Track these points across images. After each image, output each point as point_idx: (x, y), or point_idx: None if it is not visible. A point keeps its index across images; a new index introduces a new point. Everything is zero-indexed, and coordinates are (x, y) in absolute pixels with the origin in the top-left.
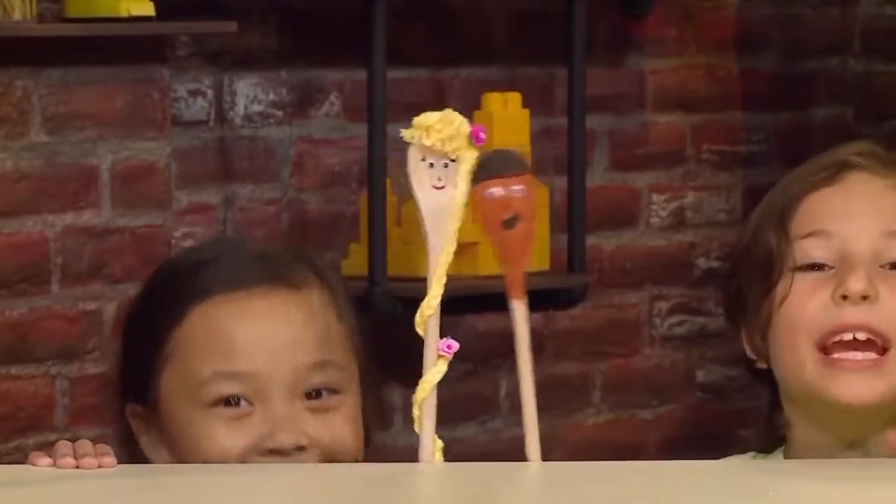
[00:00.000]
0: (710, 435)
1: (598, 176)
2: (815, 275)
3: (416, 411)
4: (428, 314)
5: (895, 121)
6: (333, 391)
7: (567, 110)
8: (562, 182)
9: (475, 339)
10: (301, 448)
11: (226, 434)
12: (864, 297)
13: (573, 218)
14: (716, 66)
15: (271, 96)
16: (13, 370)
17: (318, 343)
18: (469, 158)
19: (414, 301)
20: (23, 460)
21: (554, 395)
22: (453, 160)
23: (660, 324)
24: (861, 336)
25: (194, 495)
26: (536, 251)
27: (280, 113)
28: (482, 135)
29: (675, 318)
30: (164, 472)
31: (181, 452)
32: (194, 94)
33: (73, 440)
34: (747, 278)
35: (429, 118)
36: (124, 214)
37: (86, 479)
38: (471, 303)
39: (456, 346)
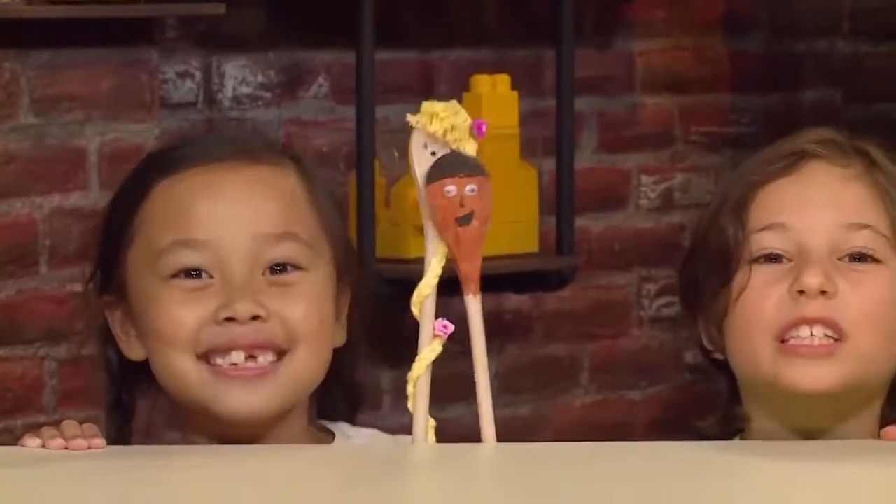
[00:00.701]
0: (698, 416)
1: (586, 157)
2: (773, 267)
3: (410, 389)
4: (425, 293)
5: (883, 103)
6: (297, 267)
7: (556, 92)
8: (550, 164)
9: (464, 319)
10: (257, 318)
11: (182, 305)
12: (822, 293)
13: (562, 199)
14: (704, 47)
15: (260, 78)
16: (1, 352)
17: (281, 215)
18: (470, 150)
19: (402, 282)
20: (11, 442)
21: (542, 376)
22: (454, 150)
23: (648, 305)
24: (818, 331)
25: (184, 476)
26: (525, 233)
27: (268, 95)
28: (483, 128)
29: (664, 300)
30: (153, 453)
31: (144, 331)
32: (182, 76)
33: (59, 422)
34: (704, 268)
35: (435, 106)
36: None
37: (76, 460)
38: (460, 284)
39: (451, 327)
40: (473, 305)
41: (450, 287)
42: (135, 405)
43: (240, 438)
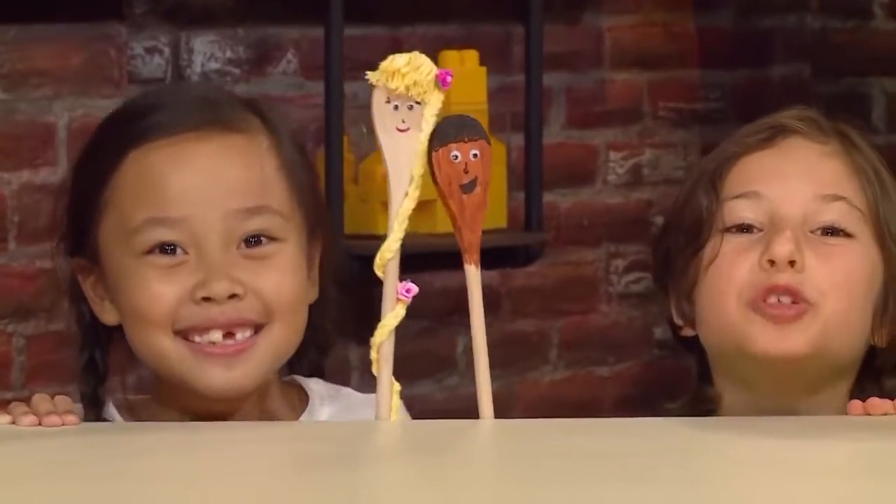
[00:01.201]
0: (666, 392)
1: (555, 133)
2: (744, 237)
3: (373, 354)
4: (388, 257)
5: (851, 78)
6: (272, 238)
7: (524, 68)
8: (519, 139)
9: (431, 296)
10: (234, 296)
11: (158, 282)
12: (791, 263)
13: (530, 175)
14: (673, 23)
15: (228, 54)
16: None
17: (254, 188)
18: (435, 102)
19: (370, 259)
20: None
21: (511, 352)
22: (419, 102)
23: (617, 281)
24: (786, 300)
25: (159, 454)
26: (494, 208)
27: (237, 70)
28: (448, 79)
29: (632, 276)
30: (129, 430)
31: (119, 304)
32: (151, 51)
33: (29, 398)
34: (676, 239)
35: (395, 62)
36: None
37: (51, 438)
38: (427, 260)
39: (415, 289)
40: (473, 275)
41: (415, 263)
42: (108, 367)
43: (215, 408)
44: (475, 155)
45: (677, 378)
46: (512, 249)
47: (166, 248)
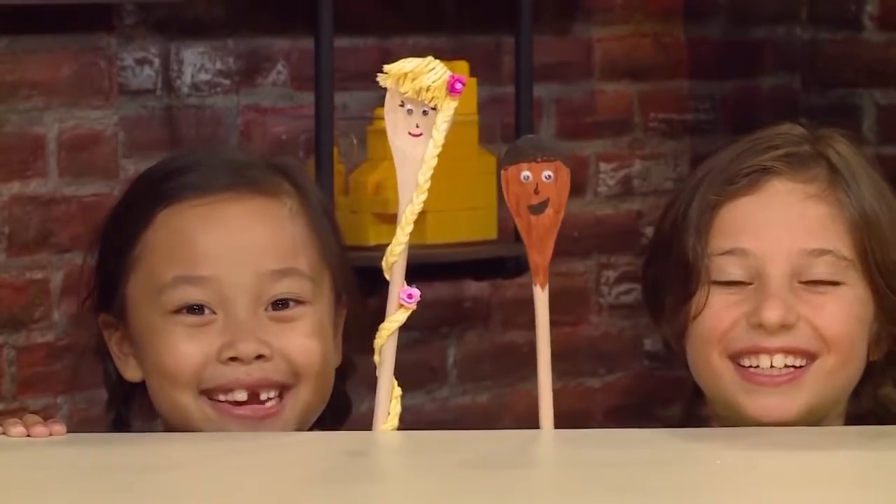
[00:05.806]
0: (656, 403)
1: None
2: (732, 290)
3: (376, 357)
4: (392, 261)
5: (841, 89)
6: (299, 302)
7: (514, 79)
8: None
9: (423, 308)
10: (261, 357)
11: (185, 342)
12: (782, 325)
13: None
14: (663, 34)
15: (218, 65)
16: None
17: (283, 251)
18: (447, 109)
19: (361, 270)
20: None
21: (502, 363)
22: (434, 108)
23: (607, 292)
24: (779, 361)
25: (147, 463)
26: (484, 220)
27: (227, 82)
28: (458, 85)
29: (623, 287)
30: (113, 440)
31: (144, 361)
32: (141, 62)
33: (20, 410)
34: (665, 278)
35: (405, 65)
36: (71, 183)
37: (38, 447)
38: (419, 272)
39: (416, 294)
40: (540, 297)
41: (406, 275)
42: (130, 422)
43: None
44: (549, 176)
45: (668, 389)
46: (502, 261)
47: (194, 308)
